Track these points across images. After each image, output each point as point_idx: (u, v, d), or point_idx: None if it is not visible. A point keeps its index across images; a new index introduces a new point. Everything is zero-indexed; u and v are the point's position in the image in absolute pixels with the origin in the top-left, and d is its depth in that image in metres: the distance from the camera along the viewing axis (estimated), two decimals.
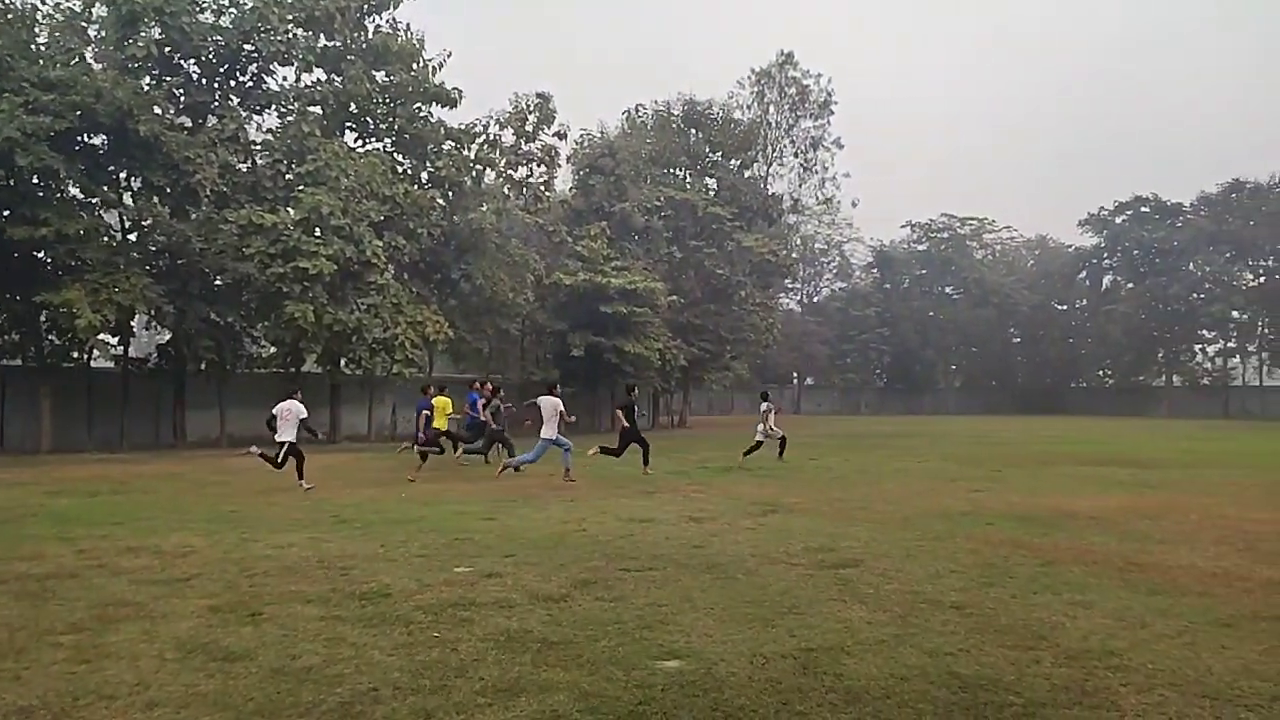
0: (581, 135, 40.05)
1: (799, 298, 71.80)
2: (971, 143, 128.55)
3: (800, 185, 55.48)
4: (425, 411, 17.50)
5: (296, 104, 28.10)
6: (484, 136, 32.83)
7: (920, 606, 6.55)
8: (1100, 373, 68.43)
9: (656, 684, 4.81)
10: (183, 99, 26.48)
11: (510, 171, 34.51)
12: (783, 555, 8.61)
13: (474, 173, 32.49)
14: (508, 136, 33.81)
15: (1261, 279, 57.36)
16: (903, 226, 74.44)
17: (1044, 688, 4.77)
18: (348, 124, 29.97)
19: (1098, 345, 65.29)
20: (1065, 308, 69.89)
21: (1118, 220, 63.06)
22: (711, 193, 43.59)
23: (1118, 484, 15.44)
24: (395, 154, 30.67)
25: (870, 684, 4.82)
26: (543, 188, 35.08)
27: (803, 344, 63.53)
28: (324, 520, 11.12)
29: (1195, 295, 58.18)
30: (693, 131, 44.06)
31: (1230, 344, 60.12)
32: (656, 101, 44.90)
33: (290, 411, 14.75)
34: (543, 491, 14.42)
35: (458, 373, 35.92)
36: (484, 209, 32.88)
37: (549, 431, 15.63)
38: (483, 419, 18.61)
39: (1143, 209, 61.97)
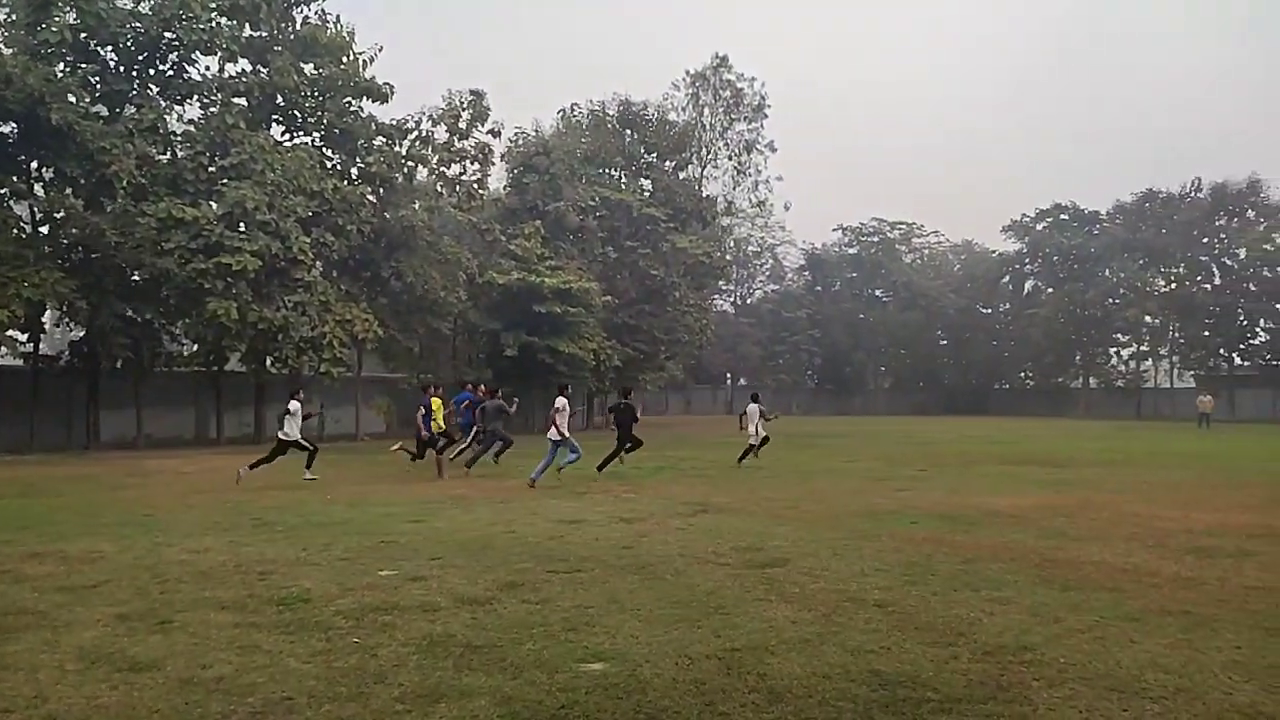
0: (516, 133, 39.89)
1: (732, 299, 72.46)
2: (902, 147, 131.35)
3: (734, 188, 56.08)
4: (424, 409, 17.93)
5: (220, 95, 27.30)
6: (416, 133, 32.37)
7: (844, 605, 6.63)
8: (1022, 374, 70.54)
9: (580, 687, 4.76)
10: (99, 87, 25.49)
11: (443, 168, 34.09)
12: (711, 555, 8.64)
13: (405, 169, 32.00)
14: (440, 133, 33.41)
15: (1172, 285, 59.72)
16: (834, 230, 75.70)
17: (961, 683, 4.86)
18: (274, 116, 29.24)
19: (1020, 348, 67.35)
20: (989, 311, 71.89)
21: (1038, 227, 65.19)
22: (646, 193, 43.69)
23: (1036, 483, 15.90)
24: (324, 148, 30.02)
25: (793, 683, 4.85)
26: (476, 185, 34.74)
27: (736, 345, 64.19)
28: (243, 524, 10.80)
29: (1110, 300, 60.37)
30: (628, 132, 44.09)
31: (1143, 348, 62.44)
32: (592, 101, 44.88)
33: (289, 412, 15.84)
34: (472, 493, 14.27)
35: (388, 372, 35.38)
36: (415, 206, 32.44)
37: (553, 433, 15.99)
38: (474, 419, 18.78)
39: (1062, 216, 64.29)
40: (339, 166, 30.21)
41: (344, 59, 29.00)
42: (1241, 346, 56.93)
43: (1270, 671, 5.07)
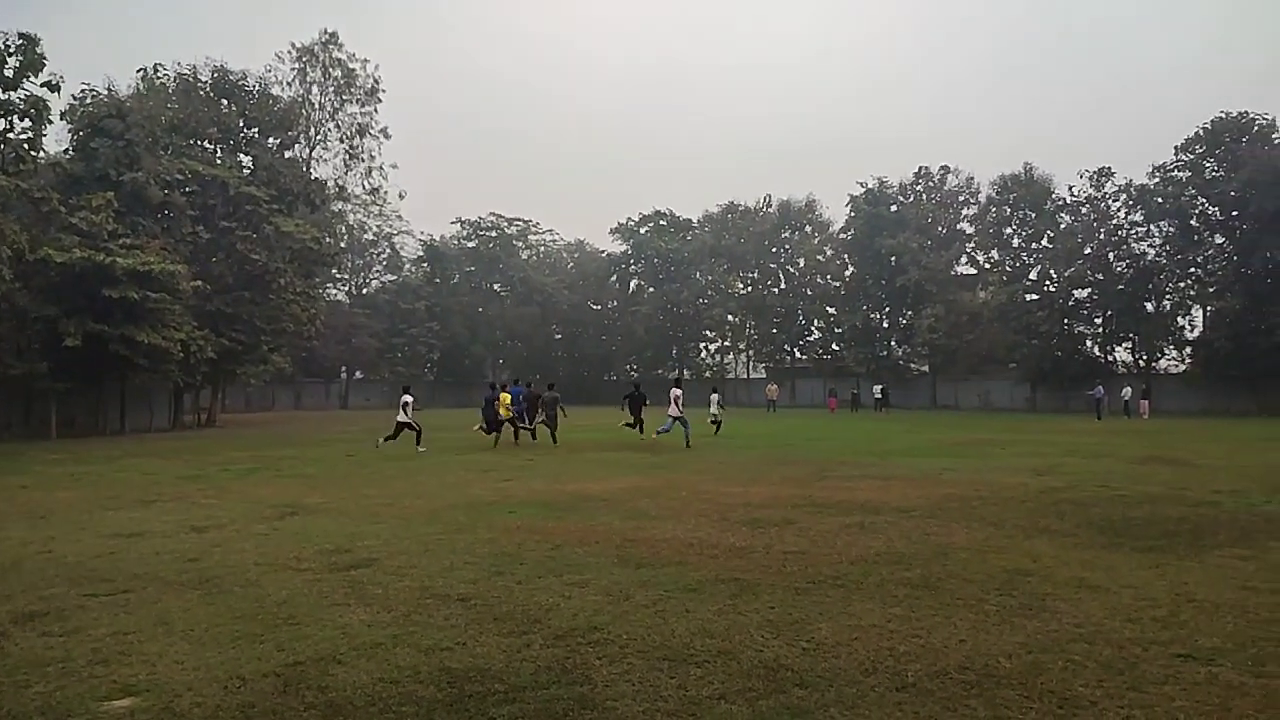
0: (83, 90, 34.35)
1: (347, 289, 69.28)
2: (527, 144, 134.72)
3: (346, 172, 53.45)
4: (496, 402, 23.45)
5: None
6: None
7: (426, 602, 6.47)
8: (628, 366, 75.88)
9: None
10: None
11: None
12: (292, 561, 8.03)
13: None
14: None
15: (749, 288, 67.99)
16: (453, 222, 75.55)
17: (529, 671, 4.92)
18: None
19: (626, 342, 72.50)
20: (600, 308, 76.40)
21: (641, 231, 70.97)
22: (246, 171, 39.96)
23: (630, 467, 17.04)
24: None
25: (356, 693, 4.58)
26: (26, 146, 29.35)
27: (350, 336, 61.51)
28: None
29: (701, 300, 67.48)
30: (224, 102, 40.01)
31: (726, 343, 70.53)
32: (180, 64, 40.10)
33: (404, 403, 21.68)
34: (8, 509, 11.96)
35: None
36: None
37: (673, 409, 22.25)
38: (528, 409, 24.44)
39: (661, 222, 70.75)
40: None
41: None
42: (801, 343, 66.38)
43: (794, 627, 5.78)
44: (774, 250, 66.13)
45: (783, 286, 66.13)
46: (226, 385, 46.14)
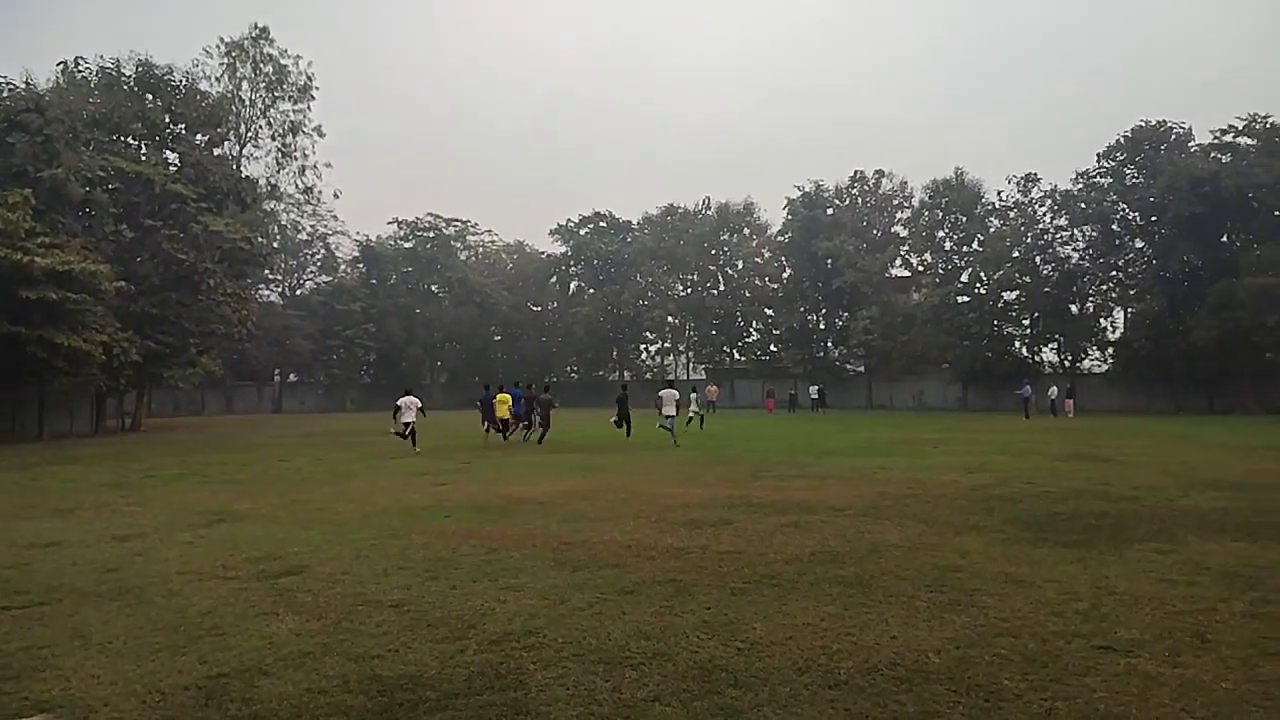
0: None
1: (280, 290, 67.73)
2: (465, 145, 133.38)
3: (279, 170, 52.28)
4: (492, 403, 24.91)
5: None
6: None
7: (358, 609, 6.35)
8: (568, 368, 75.70)
9: None
10: None
11: None
12: (218, 570, 7.81)
13: None
14: None
15: (689, 290, 68.35)
16: (390, 223, 74.42)
17: (462, 677, 4.86)
18: None
19: (566, 343, 72.32)
20: (539, 309, 76.07)
21: (581, 232, 70.90)
22: (173, 168, 38.79)
23: (568, 469, 16.97)
24: None
25: (282, 704, 4.46)
26: None
27: (284, 338, 60.17)
28: None
29: (641, 302, 67.61)
30: (149, 97, 38.76)
31: (666, 344, 70.82)
32: (102, 57, 38.74)
33: (411, 404, 22.26)
34: None
35: None
36: None
37: (670, 409, 23.37)
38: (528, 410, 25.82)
39: (601, 224, 70.75)
40: None
41: None
42: (740, 344, 66.94)
43: (730, 627, 5.81)
44: (713, 252, 66.54)
45: (722, 288, 66.57)
46: (153, 389, 44.83)
